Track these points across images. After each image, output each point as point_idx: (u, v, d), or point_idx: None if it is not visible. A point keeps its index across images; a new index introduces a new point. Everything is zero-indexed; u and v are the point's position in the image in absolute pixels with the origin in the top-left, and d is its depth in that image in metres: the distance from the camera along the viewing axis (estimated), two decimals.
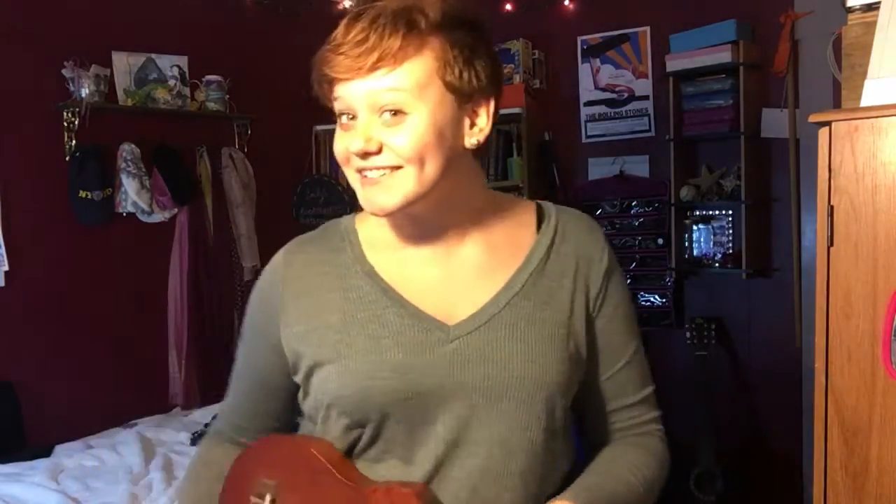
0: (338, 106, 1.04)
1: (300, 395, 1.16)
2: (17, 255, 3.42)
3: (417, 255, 1.11)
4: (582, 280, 1.12)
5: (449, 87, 1.01)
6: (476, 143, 1.06)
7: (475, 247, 1.11)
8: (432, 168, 1.01)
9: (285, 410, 1.20)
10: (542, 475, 1.10)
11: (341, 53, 0.99)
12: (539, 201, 1.19)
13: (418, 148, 1.00)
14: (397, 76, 0.99)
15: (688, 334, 3.73)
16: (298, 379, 1.13)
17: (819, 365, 1.39)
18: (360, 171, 1.03)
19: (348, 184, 1.08)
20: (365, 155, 1.01)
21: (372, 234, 1.14)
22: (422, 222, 1.10)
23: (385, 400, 1.04)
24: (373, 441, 1.08)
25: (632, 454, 1.16)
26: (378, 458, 1.09)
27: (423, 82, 1.00)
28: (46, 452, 3.15)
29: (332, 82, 1.03)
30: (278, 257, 1.17)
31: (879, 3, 1.42)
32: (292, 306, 1.12)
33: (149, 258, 3.82)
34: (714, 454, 3.52)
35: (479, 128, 1.06)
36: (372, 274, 1.10)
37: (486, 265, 1.11)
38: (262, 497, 1.11)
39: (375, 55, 0.98)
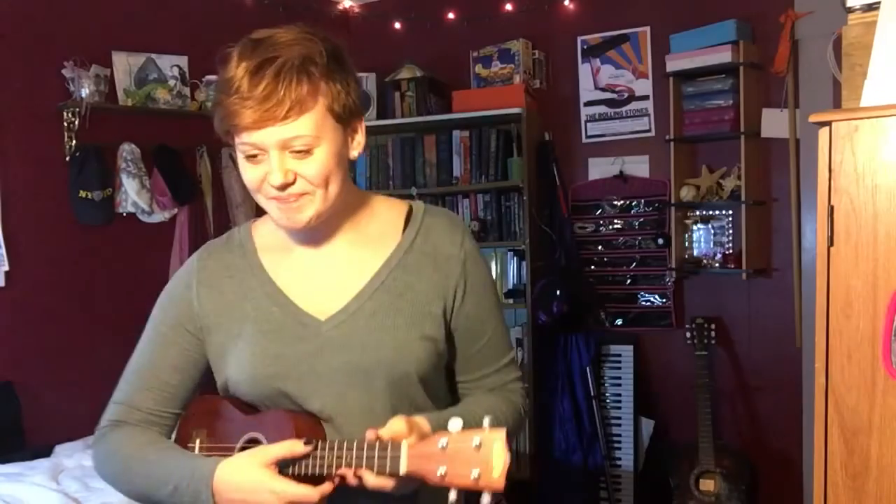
0: (245, 147, 1.19)
1: (216, 375, 1.35)
2: (17, 255, 3.42)
3: (302, 257, 1.31)
4: (441, 273, 1.30)
5: (337, 117, 1.20)
6: (357, 154, 1.28)
7: (348, 244, 1.30)
8: (335, 186, 1.22)
9: (184, 395, 1.40)
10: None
11: (251, 107, 1.14)
12: (412, 202, 1.36)
13: (325, 175, 1.19)
14: (303, 123, 1.16)
15: (688, 334, 3.73)
16: (210, 360, 1.34)
17: (819, 365, 1.39)
18: (274, 197, 1.20)
19: None
20: (283, 186, 1.18)
21: (265, 240, 1.35)
22: (313, 225, 1.25)
23: (268, 382, 1.26)
24: None
25: (490, 398, 1.35)
26: None
27: (321, 123, 1.18)
28: (46, 452, 3.15)
29: (239, 130, 1.17)
30: (192, 260, 1.39)
31: (879, 3, 1.42)
32: (206, 301, 1.33)
33: (149, 258, 3.81)
34: (714, 454, 3.52)
35: (357, 141, 1.27)
36: (263, 276, 1.31)
37: (357, 262, 1.30)
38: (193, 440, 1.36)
39: (285, 108, 1.14)
